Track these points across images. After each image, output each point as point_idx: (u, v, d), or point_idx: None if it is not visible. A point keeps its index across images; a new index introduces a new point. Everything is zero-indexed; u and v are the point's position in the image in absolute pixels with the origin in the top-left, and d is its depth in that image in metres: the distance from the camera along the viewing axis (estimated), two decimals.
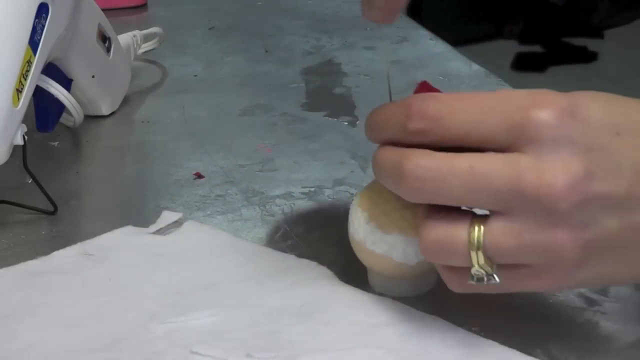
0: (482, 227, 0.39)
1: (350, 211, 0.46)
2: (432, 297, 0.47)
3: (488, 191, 0.38)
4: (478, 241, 0.39)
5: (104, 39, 0.72)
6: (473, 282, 0.40)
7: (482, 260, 0.39)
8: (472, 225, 0.39)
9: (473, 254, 0.39)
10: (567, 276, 0.39)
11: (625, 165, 0.38)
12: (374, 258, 0.45)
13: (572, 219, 0.38)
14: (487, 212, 0.40)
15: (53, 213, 0.57)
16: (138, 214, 0.57)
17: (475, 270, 0.39)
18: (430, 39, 0.89)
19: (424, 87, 0.45)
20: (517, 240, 0.39)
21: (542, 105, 0.38)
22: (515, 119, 0.38)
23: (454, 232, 0.40)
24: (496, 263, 0.39)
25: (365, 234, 0.45)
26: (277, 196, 0.59)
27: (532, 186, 0.38)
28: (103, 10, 0.72)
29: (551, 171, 0.38)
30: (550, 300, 0.47)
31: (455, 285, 0.42)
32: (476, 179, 0.39)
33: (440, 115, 0.40)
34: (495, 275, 0.40)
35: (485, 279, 0.40)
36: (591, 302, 0.47)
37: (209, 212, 0.57)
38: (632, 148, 0.39)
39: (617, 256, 0.39)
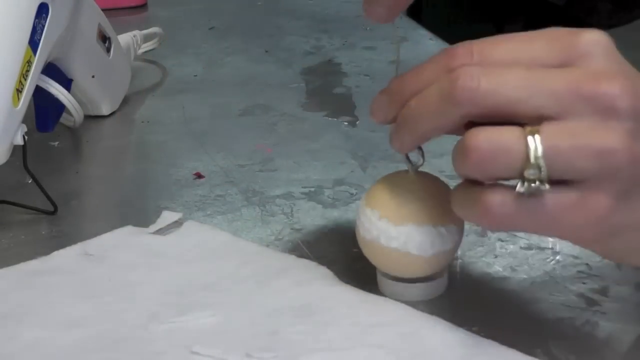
0: (535, 130, 0.38)
1: (358, 215, 0.46)
2: (433, 298, 0.47)
3: (546, 90, 0.38)
4: (535, 138, 0.38)
5: (104, 39, 0.72)
6: (522, 190, 0.38)
7: (540, 160, 0.38)
8: (525, 129, 0.38)
9: (531, 152, 0.38)
10: (611, 204, 0.38)
11: None
12: (389, 255, 0.45)
13: (627, 123, 0.38)
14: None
15: (53, 213, 0.57)
16: (138, 214, 0.57)
17: (531, 171, 0.38)
18: (430, 39, 0.89)
19: None
20: (573, 140, 0.38)
21: (589, 31, 0.39)
22: (566, 40, 0.39)
23: (507, 132, 0.38)
24: (550, 172, 0.38)
25: (378, 231, 0.45)
26: (277, 196, 0.59)
27: (590, 86, 0.38)
28: (103, 10, 0.72)
29: (607, 75, 0.38)
30: (551, 301, 0.47)
31: (495, 211, 0.39)
32: (533, 79, 0.38)
33: (484, 49, 0.40)
34: (546, 184, 0.38)
35: (537, 183, 0.38)
36: (591, 302, 0.47)
37: (209, 212, 0.57)
38: None
39: None
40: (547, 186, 0.38)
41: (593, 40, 0.39)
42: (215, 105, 0.75)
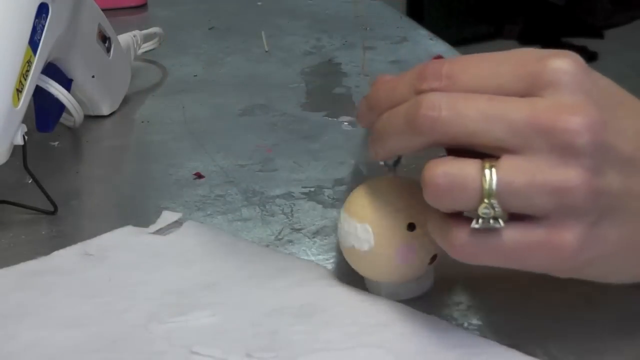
0: (493, 164, 0.38)
1: (340, 225, 0.46)
2: (432, 297, 0.47)
3: (505, 123, 0.38)
4: (491, 176, 0.38)
5: (104, 39, 0.72)
6: (477, 226, 0.38)
7: (493, 198, 0.38)
8: (483, 163, 0.38)
9: (485, 190, 0.38)
10: (578, 240, 0.38)
11: (630, 131, 0.39)
12: (361, 257, 0.45)
13: (586, 160, 0.37)
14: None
15: (53, 213, 0.57)
16: (138, 214, 0.57)
17: (484, 208, 0.38)
18: (430, 39, 0.89)
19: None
20: (529, 177, 0.38)
21: (559, 55, 0.39)
22: (533, 67, 0.39)
23: (465, 167, 0.38)
24: (506, 208, 0.38)
25: (350, 234, 0.45)
26: (277, 196, 0.59)
27: (550, 120, 0.37)
28: (103, 10, 0.72)
29: (570, 109, 0.37)
30: (550, 300, 0.47)
31: (457, 245, 0.40)
32: (493, 110, 0.38)
33: (453, 72, 0.39)
34: (500, 220, 0.38)
35: (492, 221, 0.38)
36: (591, 302, 0.46)
37: (209, 212, 0.57)
38: (634, 117, 0.39)
39: (618, 223, 0.39)
40: (501, 223, 0.38)
41: (561, 70, 0.38)
42: (215, 105, 0.75)
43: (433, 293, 0.47)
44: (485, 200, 0.38)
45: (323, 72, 0.82)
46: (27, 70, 0.57)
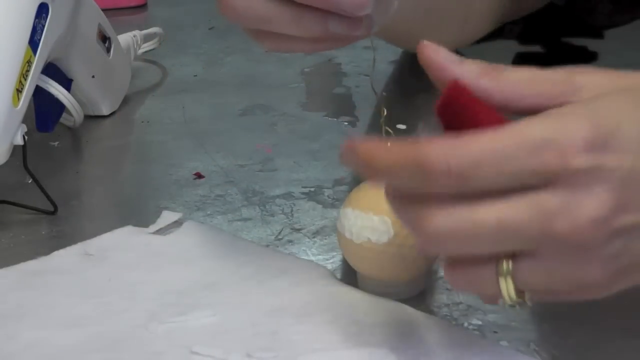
0: (510, 266, 0.37)
1: (348, 222, 0.46)
2: (432, 297, 0.47)
3: (518, 240, 0.37)
4: (507, 280, 0.37)
5: (104, 39, 0.72)
6: (505, 306, 0.38)
7: (512, 293, 0.37)
8: (498, 268, 0.37)
9: (504, 289, 0.37)
10: (600, 294, 0.39)
11: None
12: (355, 247, 0.45)
13: (602, 254, 0.37)
14: None
15: (53, 213, 0.57)
16: (138, 214, 0.57)
17: (506, 300, 0.38)
18: None
19: (455, 91, 0.38)
20: (547, 277, 0.37)
21: (575, 148, 0.36)
22: (552, 166, 0.36)
23: (482, 274, 0.37)
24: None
25: (348, 224, 0.45)
26: (277, 196, 0.59)
27: (564, 230, 0.36)
28: (103, 10, 0.72)
29: (582, 212, 0.36)
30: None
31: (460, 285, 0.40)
32: (505, 232, 0.36)
33: (465, 174, 0.35)
34: (528, 301, 0.38)
35: (518, 305, 0.38)
36: (591, 302, 0.46)
37: (209, 212, 0.57)
38: None
39: None
40: (529, 304, 0.38)
41: (574, 169, 0.36)
42: (215, 105, 0.75)
43: (433, 293, 0.47)
44: (506, 297, 0.38)
45: (323, 72, 0.82)
46: (27, 70, 0.57)
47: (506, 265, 0.37)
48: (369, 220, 0.45)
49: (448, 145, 0.36)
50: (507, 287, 0.37)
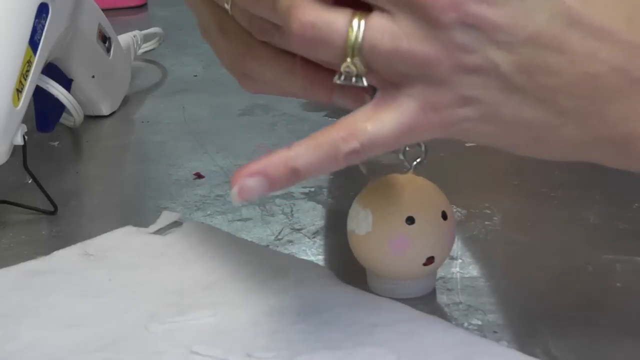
0: (362, 22, 0.36)
1: (350, 217, 0.46)
2: (432, 297, 0.47)
3: None
4: (356, 35, 0.36)
5: (104, 39, 0.72)
6: (338, 81, 0.37)
7: (356, 57, 0.36)
8: (353, 17, 0.36)
9: (349, 49, 0.36)
10: (447, 107, 0.37)
11: (542, 11, 0.36)
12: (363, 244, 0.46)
13: (454, 37, 0.35)
14: None
15: (53, 213, 0.57)
16: (138, 214, 0.57)
17: (346, 67, 0.37)
18: None
19: None
20: (394, 43, 0.36)
21: None
22: None
23: (334, 19, 0.36)
24: (369, 68, 0.37)
25: (357, 221, 0.46)
26: (277, 196, 0.59)
27: None
28: (103, 10, 0.72)
29: None
30: (550, 300, 0.47)
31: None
32: None
33: None
34: (364, 79, 0.37)
35: (354, 79, 0.37)
36: (591, 302, 0.47)
37: (209, 212, 0.57)
38: (556, 1, 0.36)
39: (510, 102, 0.37)
40: (364, 82, 0.37)
41: None
42: (215, 105, 0.75)
43: (433, 293, 0.47)
44: (349, 59, 0.37)
45: None
46: (27, 70, 0.57)
47: (360, 17, 0.36)
48: (356, 211, 0.46)
49: None
50: (355, 37, 0.36)
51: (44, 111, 0.65)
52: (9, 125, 0.55)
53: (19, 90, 0.56)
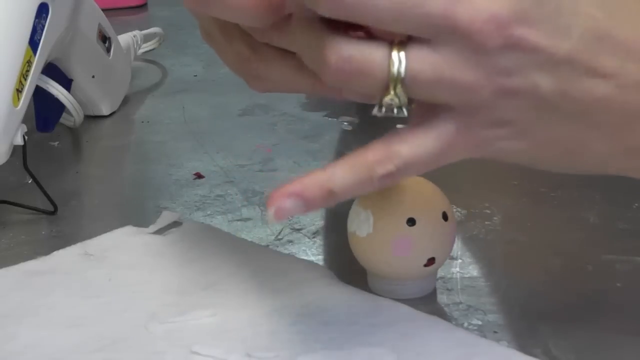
0: (402, 53, 0.36)
1: (350, 217, 0.46)
2: (433, 297, 0.47)
3: (418, 15, 0.35)
4: (399, 66, 0.36)
5: (104, 39, 0.72)
6: (379, 114, 0.37)
7: (399, 88, 0.36)
8: (392, 48, 0.36)
9: (392, 80, 0.36)
10: (484, 128, 0.37)
11: (575, 30, 0.36)
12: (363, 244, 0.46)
13: (498, 62, 0.36)
14: None
15: (53, 213, 0.57)
16: (138, 214, 0.57)
17: (389, 99, 0.36)
18: None
19: None
20: (437, 73, 0.36)
21: None
22: None
23: (373, 51, 0.36)
24: (411, 97, 0.37)
25: (358, 222, 0.46)
26: None
27: (464, 17, 0.35)
28: (103, 10, 0.72)
29: (487, 5, 0.35)
30: (550, 300, 0.47)
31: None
32: (407, 2, 0.35)
33: None
34: (404, 109, 0.37)
35: (395, 110, 0.37)
36: (591, 302, 0.47)
37: (209, 212, 0.57)
38: (587, 17, 0.36)
39: (545, 121, 0.37)
40: (405, 113, 0.37)
41: None
42: (215, 105, 0.75)
43: (433, 293, 0.47)
44: (391, 91, 0.36)
45: None
46: (27, 70, 0.57)
47: (399, 48, 0.36)
48: (356, 213, 0.46)
49: None
50: (397, 69, 0.36)
51: (44, 111, 0.65)
52: (9, 125, 0.55)
53: (19, 90, 0.56)
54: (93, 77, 0.70)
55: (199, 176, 0.62)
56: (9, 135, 0.55)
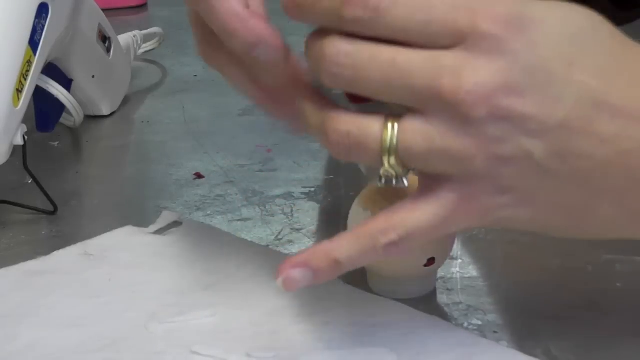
0: (396, 125, 0.37)
1: (351, 217, 0.46)
2: (432, 297, 0.47)
3: (406, 87, 0.36)
4: (391, 139, 0.37)
5: (104, 39, 0.72)
6: (380, 184, 0.38)
7: (393, 160, 0.37)
8: (386, 122, 0.37)
9: (384, 152, 0.37)
10: (485, 197, 0.37)
11: (568, 97, 0.36)
12: None
13: (486, 131, 0.36)
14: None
15: (53, 213, 0.57)
16: (138, 214, 0.57)
17: (385, 170, 0.38)
18: None
19: None
20: (428, 143, 0.37)
21: (490, 15, 0.36)
22: (463, 23, 0.36)
23: (368, 126, 0.38)
24: (408, 167, 0.38)
25: (357, 220, 0.45)
26: (277, 196, 0.59)
27: (448, 88, 0.36)
28: (103, 10, 0.72)
29: (471, 76, 0.36)
30: (551, 300, 0.47)
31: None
32: (396, 74, 0.37)
33: (382, 5, 0.36)
34: (404, 179, 0.38)
35: (394, 181, 0.38)
36: (591, 302, 0.47)
37: (209, 212, 0.57)
38: (580, 84, 0.36)
39: (546, 187, 0.37)
40: (405, 183, 0.38)
41: (487, 34, 0.36)
42: (215, 105, 0.75)
43: (433, 293, 0.47)
44: (386, 164, 0.38)
45: None
46: (27, 70, 0.57)
47: (393, 121, 0.37)
48: (356, 212, 0.46)
49: None
50: (389, 142, 0.37)
51: (44, 111, 0.65)
52: (9, 125, 0.55)
53: (19, 90, 0.56)
54: (93, 77, 0.70)
55: (199, 176, 0.62)
56: (9, 135, 0.55)
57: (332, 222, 0.55)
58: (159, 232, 0.53)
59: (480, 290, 0.48)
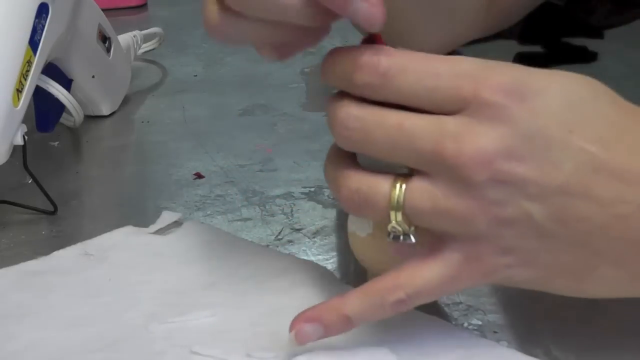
0: (403, 185, 0.39)
1: (350, 217, 0.46)
2: None
3: (412, 150, 0.38)
4: (398, 198, 0.39)
5: (104, 39, 0.72)
6: (389, 240, 0.40)
7: (399, 217, 0.39)
8: (395, 182, 0.39)
9: (392, 211, 0.39)
10: (488, 257, 0.39)
11: (567, 162, 0.37)
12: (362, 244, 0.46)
13: (487, 194, 0.37)
14: None
15: (53, 213, 0.57)
16: (138, 214, 0.57)
17: (392, 226, 0.39)
18: None
19: (373, 38, 0.41)
20: (432, 203, 0.38)
21: (492, 84, 0.38)
22: (468, 92, 0.38)
23: (377, 184, 0.39)
24: (415, 225, 0.39)
25: (355, 220, 0.45)
26: (277, 196, 0.59)
27: (451, 152, 0.37)
28: (103, 10, 0.72)
29: (473, 141, 0.37)
30: (551, 300, 0.47)
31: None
32: (402, 137, 0.38)
33: (390, 72, 0.39)
34: (411, 236, 0.40)
35: (402, 237, 0.40)
36: (591, 302, 0.46)
37: (209, 212, 0.57)
38: (579, 150, 0.37)
39: (547, 249, 0.38)
40: (413, 239, 0.40)
41: (488, 103, 0.37)
42: (215, 105, 0.75)
43: None
44: (393, 220, 0.39)
45: None
46: (27, 70, 0.57)
47: (401, 182, 0.39)
48: None
49: (384, 48, 0.39)
50: (397, 202, 0.39)
51: (44, 111, 0.65)
52: (9, 125, 0.55)
53: (19, 90, 0.56)
54: (93, 77, 0.70)
55: (199, 176, 0.62)
56: (9, 135, 0.55)
57: (333, 222, 0.55)
58: (159, 232, 0.53)
59: (480, 290, 0.48)
